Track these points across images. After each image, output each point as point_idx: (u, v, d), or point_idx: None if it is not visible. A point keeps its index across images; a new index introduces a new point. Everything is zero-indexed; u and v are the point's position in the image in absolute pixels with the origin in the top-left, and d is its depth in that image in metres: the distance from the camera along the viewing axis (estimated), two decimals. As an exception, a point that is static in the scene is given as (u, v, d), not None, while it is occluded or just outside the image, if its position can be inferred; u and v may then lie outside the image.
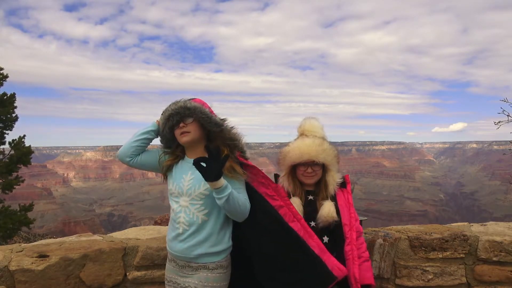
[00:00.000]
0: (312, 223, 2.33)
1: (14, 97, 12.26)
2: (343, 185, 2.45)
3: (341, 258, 2.29)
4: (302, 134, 2.47)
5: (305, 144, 2.36)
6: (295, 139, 2.49)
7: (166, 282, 2.31)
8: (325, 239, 2.33)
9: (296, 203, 2.34)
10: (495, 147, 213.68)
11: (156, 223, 11.99)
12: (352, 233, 2.32)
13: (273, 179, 2.41)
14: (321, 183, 2.42)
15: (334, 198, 2.39)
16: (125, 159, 2.29)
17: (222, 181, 1.99)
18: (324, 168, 2.41)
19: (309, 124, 2.47)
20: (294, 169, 2.43)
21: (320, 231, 2.32)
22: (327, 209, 2.31)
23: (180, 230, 2.18)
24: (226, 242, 2.22)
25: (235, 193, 2.06)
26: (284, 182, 2.43)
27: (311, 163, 2.35)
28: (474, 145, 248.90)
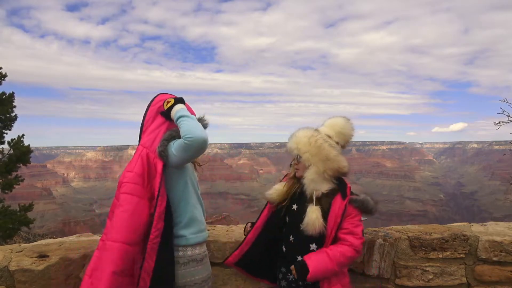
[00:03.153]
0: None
1: (13, 96, 12.27)
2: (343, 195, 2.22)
3: None
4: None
5: (297, 135, 2.26)
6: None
7: None
8: (313, 246, 2.25)
9: (276, 188, 2.38)
10: (495, 147, 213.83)
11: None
12: (328, 243, 2.20)
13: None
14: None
15: (320, 202, 2.21)
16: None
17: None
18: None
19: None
20: None
21: (306, 238, 2.21)
22: (310, 217, 2.16)
23: None
24: None
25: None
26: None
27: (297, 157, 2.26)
28: (475, 145, 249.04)
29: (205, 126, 2.32)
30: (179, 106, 2.18)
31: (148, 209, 2.06)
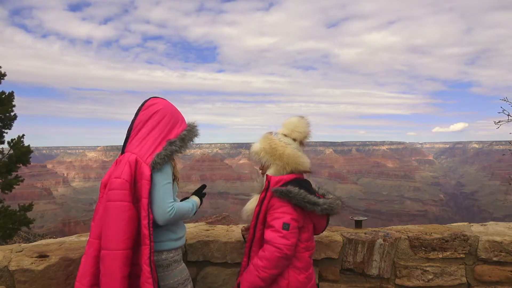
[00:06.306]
0: None
1: (13, 95, 12.25)
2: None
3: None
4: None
5: (254, 144, 2.38)
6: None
7: None
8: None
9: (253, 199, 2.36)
10: (496, 147, 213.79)
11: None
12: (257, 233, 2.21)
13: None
14: None
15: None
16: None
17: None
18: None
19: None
20: None
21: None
22: (248, 205, 2.32)
23: None
24: None
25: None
26: None
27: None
28: (475, 145, 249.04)
29: (195, 134, 2.31)
30: (197, 200, 2.44)
31: (136, 212, 2.09)
